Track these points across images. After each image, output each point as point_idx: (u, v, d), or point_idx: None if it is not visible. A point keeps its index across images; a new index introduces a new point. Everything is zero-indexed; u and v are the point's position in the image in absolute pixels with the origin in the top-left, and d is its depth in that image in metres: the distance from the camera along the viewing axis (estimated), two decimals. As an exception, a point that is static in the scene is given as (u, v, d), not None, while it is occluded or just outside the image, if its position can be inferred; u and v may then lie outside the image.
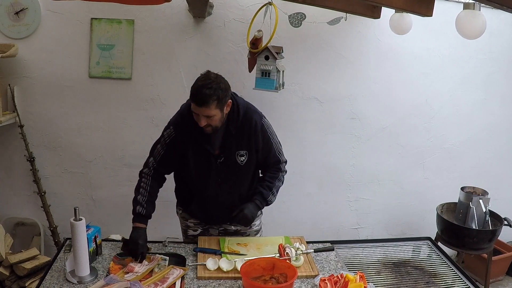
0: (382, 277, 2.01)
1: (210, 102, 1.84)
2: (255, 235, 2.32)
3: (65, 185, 3.07)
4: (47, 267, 1.89)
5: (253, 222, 2.16)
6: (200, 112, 1.88)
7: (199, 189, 2.17)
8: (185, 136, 2.03)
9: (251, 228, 2.28)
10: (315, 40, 2.99)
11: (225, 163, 2.07)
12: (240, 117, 2.02)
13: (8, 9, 2.75)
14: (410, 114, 3.26)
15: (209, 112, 1.87)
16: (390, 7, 2.20)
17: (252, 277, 1.75)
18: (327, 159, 3.26)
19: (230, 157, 2.06)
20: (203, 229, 2.28)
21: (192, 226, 2.28)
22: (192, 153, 2.05)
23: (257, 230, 2.33)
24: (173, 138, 2.05)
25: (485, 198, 2.89)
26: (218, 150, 2.05)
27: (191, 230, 2.29)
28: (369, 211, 3.44)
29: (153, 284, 1.73)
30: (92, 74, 2.89)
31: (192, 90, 1.88)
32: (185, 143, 2.04)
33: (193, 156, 2.05)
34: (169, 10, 2.84)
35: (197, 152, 2.04)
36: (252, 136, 2.05)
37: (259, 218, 2.35)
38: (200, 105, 1.86)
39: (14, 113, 2.84)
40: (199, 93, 1.85)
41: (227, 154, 2.05)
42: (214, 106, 1.87)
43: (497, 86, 3.31)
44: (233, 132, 2.02)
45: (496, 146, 3.46)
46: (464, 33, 2.20)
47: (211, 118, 1.90)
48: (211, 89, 1.85)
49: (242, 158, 2.07)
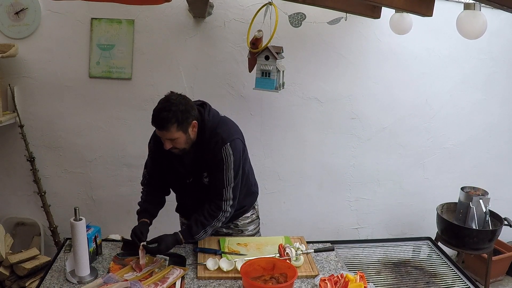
0: (382, 277, 2.01)
1: (169, 125, 1.81)
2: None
3: (65, 185, 3.07)
4: (47, 267, 1.89)
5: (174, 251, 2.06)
6: (162, 136, 1.87)
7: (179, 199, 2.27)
8: (161, 152, 2.01)
9: (243, 233, 2.27)
10: (315, 40, 2.99)
11: (194, 183, 2.07)
12: (205, 138, 1.96)
13: (8, 9, 2.75)
14: (410, 114, 3.26)
15: (170, 135, 1.84)
16: (390, 7, 2.20)
17: (252, 277, 1.75)
18: (327, 159, 3.26)
19: (198, 178, 2.05)
20: None
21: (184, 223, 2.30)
22: (166, 169, 2.09)
23: (250, 235, 2.29)
24: (153, 152, 2.10)
25: (485, 198, 2.89)
26: (188, 170, 2.05)
27: None
28: (369, 211, 3.44)
29: (153, 284, 1.74)
30: (92, 74, 2.89)
31: (153, 112, 1.85)
32: (162, 159, 2.06)
33: (167, 171, 2.09)
34: (169, 10, 2.84)
35: (170, 169, 2.07)
36: (211, 158, 1.97)
37: (255, 223, 2.32)
38: (160, 129, 1.84)
39: (14, 113, 2.84)
40: (157, 116, 1.82)
41: (195, 175, 2.05)
42: (175, 129, 1.83)
43: (497, 86, 3.31)
44: (200, 154, 1.99)
45: (496, 146, 3.46)
46: (464, 33, 2.20)
47: (174, 141, 1.87)
48: (169, 111, 1.81)
49: (206, 179, 2.04)
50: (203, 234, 2.01)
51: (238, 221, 2.25)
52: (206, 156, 1.97)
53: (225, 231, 2.25)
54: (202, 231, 1.99)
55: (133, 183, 3.11)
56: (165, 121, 1.81)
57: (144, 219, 2.08)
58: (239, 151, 1.99)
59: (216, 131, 1.96)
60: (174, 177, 2.10)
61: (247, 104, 3.04)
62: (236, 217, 2.23)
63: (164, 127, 1.82)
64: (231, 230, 2.26)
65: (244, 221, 2.26)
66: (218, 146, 1.93)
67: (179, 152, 1.94)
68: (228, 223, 2.21)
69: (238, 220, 2.25)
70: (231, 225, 2.25)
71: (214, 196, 2.00)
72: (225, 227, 2.24)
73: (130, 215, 3.17)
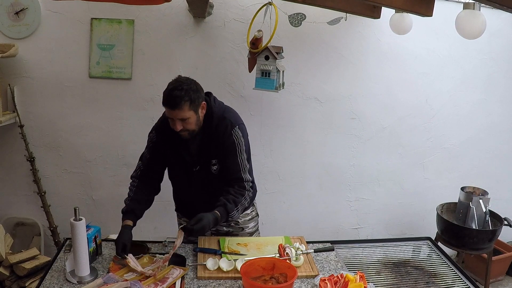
0: (382, 277, 2.00)
1: (183, 103, 1.83)
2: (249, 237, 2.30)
3: (65, 185, 3.07)
4: (47, 267, 1.88)
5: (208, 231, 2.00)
6: (174, 116, 1.87)
7: (181, 195, 2.22)
8: (166, 141, 2.03)
9: (243, 230, 2.26)
10: (315, 40, 2.99)
11: (201, 172, 2.06)
12: (213, 124, 1.99)
13: (8, 9, 2.75)
14: (410, 114, 3.26)
15: (183, 115, 1.86)
16: (390, 7, 2.20)
17: (252, 277, 1.75)
18: (327, 159, 3.26)
19: (205, 166, 2.04)
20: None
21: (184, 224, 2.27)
22: (171, 159, 2.07)
23: (250, 233, 2.30)
24: (155, 142, 2.08)
25: (485, 198, 2.89)
26: (195, 159, 2.05)
27: None
28: (369, 211, 3.44)
29: (153, 284, 1.73)
30: (92, 74, 2.89)
31: (163, 95, 1.87)
32: (166, 149, 2.05)
33: (172, 162, 2.08)
34: (169, 10, 2.84)
35: (176, 159, 2.06)
36: (221, 144, 1.99)
37: (254, 220, 2.32)
38: (172, 107, 1.84)
39: (14, 113, 2.84)
40: (170, 95, 1.84)
41: (202, 163, 2.04)
42: (187, 107, 1.85)
43: (497, 86, 3.31)
44: (207, 141, 2.00)
45: (496, 146, 3.46)
46: (464, 33, 2.20)
47: (186, 121, 1.88)
48: (182, 90, 1.84)
49: (215, 167, 2.04)
50: (236, 212, 2.00)
51: (239, 218, 2.24)
52: (215, 142, 1.99)
53: (225, 229, 2.25)
54: (235, 209, 1.98)
55: (133, 183, 3.11)
56: (178, 99, 1.83)
57: (129, 221, 2.01)
58: (246, 135, 2.05)
59: (223, 116, 2.00)
60: (179, 167, 2.08)
61: (247, 104, 3.04)
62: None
63: (178, 105, 1.83)
64: (232, 228, 2.25)
65: (244, 218, 2.26)
66: (228, 129, 1.98)
67: (188, 135, 1.94)
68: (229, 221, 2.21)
69: (239, 218, 2.24)
70: (231, 223, 2.25)
71: (233, 180, 2.02)
72: (225, 226, 2.24)
73: (130, 215, 3.18)
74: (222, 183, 2.05)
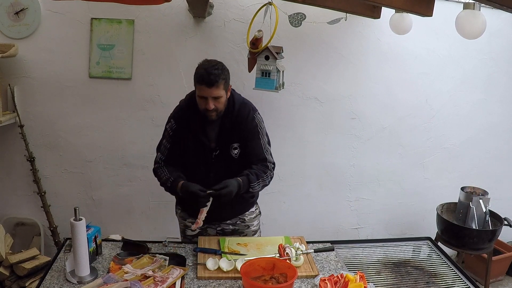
0: (382, 277, 2.00)
1: (219, 81, 1.92)
2: (252, 235, 2.31)
3: (65, 185, 3.07)
4: (47, 267, 1.89)
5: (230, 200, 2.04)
6: (209, 94, 1.93)
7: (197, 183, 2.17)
8: (185, 128, 2.08)
9: (249, 228, 2.29)
10: (315, 40, 2.99)
11: (220, 156, 2.09)
12: (235, 109, 2.07)
13: (8, 9, 2.75)
14: (410, 114, 3.26)
15: (218, 93, 1.93)
16: (390, 7, 2.21)
17: (252, 277, 1.75)
18: (327, 159, 3.26)
19: (225, 150, 2.09)
20: (201, 228, 2.25)
21: (190, 225, 2.27)
22: (190, 145, 2.09)
23: (255, 231, 2.33)
24: (175, 129, 2.10)
25: (485, 198, 2.89)
26: (214, 143, 2.09)
27: (190, 230, 2.27)
28: (369, 211, 3.44)
29: (153, 284, 1.73)
30: (92, 74, 2.89)
31: (199, 74, 1.93)
32: (186, 135, 2.08)
33: (191, 148, 2.10)
34: (169, 10, 2.84)
35: (195, 144, 2.09)
36: (243, 128, 2.08)
37: (258, 218, 2.35)
38: (210, 85, 1.91)
39: (14, 113, 2.84)
40: (209, 73, 1.90)
41: (222, 147, 2.09)
42: (222, 86, 1.94)
43: (497, 86, 3.31)
44: (228, 125, 2.07)
45: (496, 146, 3.46)
46: (464, 33, 2.20)
47: (218, 100, 1.96)
48: (218, 69, 1.93)
49: (236, 151, 2.10)
50: (257, 186, 2.06)
51: (245, 215, 2.27)
52: (238, 126, 2.07)
53: (231, 228, 2.26)
54: (256, 182, 2.05)
55: (133, 183, 3.11)
56: (216, 77, 1.90)
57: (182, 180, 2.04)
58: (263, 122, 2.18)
59: (244, 102, 2.14)
60: (199, 153, 2.09)
61: (247, 104, 3.04)
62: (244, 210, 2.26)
63: (215, 83, 1.91)
64: (238, 226, 2.27)
65: (250, 215, 2.29)
66: (251, 114, 2.10)
67: (216, 116, 2.00)
68: (235, 218, 2.25)
69: (245, 215, 2.27)
70: (237, 221, 2.27)
71: (257, 161, 2.11)
72: (232, 224, 2.25)
73: (130, 215, 3.18)
74: (242, 168, 2.10)
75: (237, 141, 2.09)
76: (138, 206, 3.16)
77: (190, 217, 2.27)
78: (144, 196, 3.14)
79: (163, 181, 2.10)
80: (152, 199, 3.15)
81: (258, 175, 2.06)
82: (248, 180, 2.02)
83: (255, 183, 2.05)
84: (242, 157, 2.12)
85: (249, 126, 2.09)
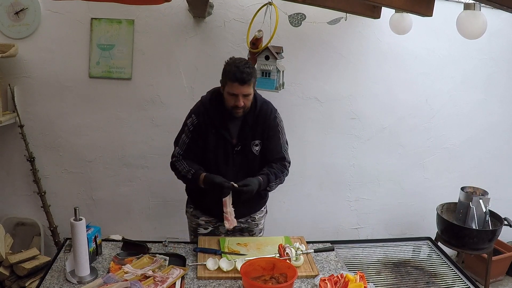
0: (382, 277, 2.01)
1: (251, 80, 1.99)
2: (259, 233, 2.37)
3: (65, 185, 3.07)
4: (47, 267, 1.89)
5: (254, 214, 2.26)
6: (240, 91, 1.98)
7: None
8: (207, 123, 2.11)
9: (257, 226, 2.34)
10: (315, 40, 2.99)
11: (242, 152, 2.14)
12: (257, 107, 2.13)
13: (8, 9, 2.75)
14: (410, 114, 3.26)
15: (248, 90, 2.00)
16: (390, 7, 2.21)
17: (252, 277, 1.75)
18: (327, 159, 3.26)
19: (247, 146, 2.14)
20: (214, 227, 2.30)
21: (203, 224, 2.30)
22: (211, 140, 2.12)
23: (261, 229, 2.39)
24: (196, 125, 2.12)
25: (485, 198, 2.89)
26: (236, 139, 2.13)
27: (202, 229, 2.30)
28: (369, 211, 3.44)
29: (153, 284, 1.73)
30: (92, 74, 2.89)
31: (231, 72, 1.97)
32: (207, 130, 2.11)
33: (212, 143, 2.12)
34: (169, 10, 2.84)
35: (216, 140, 2.12)
36: (265, 125, 2.15)
37: (265, 217, 2.40)
38: (242, 83, 1.96)
39: (14, 113, 2.84)
40: (241, 72, 1.96)
41: (243, 143, 2.13)
42: (252, 84, 2.01)
43: (497, 86, 3.31)
44: (250, 122, 2.12)
45: (496, 146, 3.46)
46: (464, 33, 2.20)
47: (247, 97, 2.02)
48: (249, 67, 1.99)
49: (257, 148, 2.16)
50: (274, 185, 2.16)
51: (255, 214, 2.32)
52: (260, 124, 2.13)
53: (242, 225, 2.29)
54: (274, 182, 2.13)
55: (133, 183, 3.11)
56: (249, 75, 1.97)
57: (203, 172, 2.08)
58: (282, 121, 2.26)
59: (265, 101, 2.20)
60: (220, 148, 2.13)
61: (247, 104, 3.04)
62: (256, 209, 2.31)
63: (248, 81, 1.97)
64: (248, 225, 2.30)
65: (259, 214, 2.35)
66: (273, 113, 2.19)
67: (242, 112, 2.06)
68: (247, 216, 2.28)
69: (256, 214, 2.32)
70: (248, 219, 2.30)
71: (276, 159, 2.19)
72: (242, 222, 2.27)
73: (130, 215, 3.18)
74: (261, 164, 2.18)
75: (258, 138, 2.15)
76: (138, 206, 3.16)
77: (204, 215, 2.29)
78: (144, 196, 3.14)
79: (182, 174, 2.12)
80: (152, 199, 3.15)
81: (276, 175, 2.14)
82: (267, 180, 2.09)
83: (273, 182, 2.13)
84: (262, 154, 2.18)
85: (271, 124, 2.16)
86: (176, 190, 3.11)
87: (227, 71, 2.00)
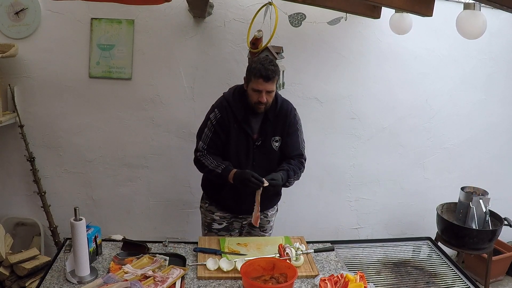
0: (382, 277, 2.01)
1: (275, 77, 2.06)
2: (269, 230, 2.42)
3: (65, 185, 3.07)
4: (47, 267, 1.89)
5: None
6: (265, 88, 2.05)
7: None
8: (229, 118, 2.16)
9: (269, 223, 2.40)
10: (315, 40, 2.99)
11: (262, 147, 2.21)
12: (278, 104, 2.20)
13: (8, 9, 2.75)
14: (410, 114, 3.26)
15: (272, 87, 2.06)
16: (390, 7, 2.21)
17: (252, 277, 1.75)
18: (327, 159, 3.26)
19: (267, 141, 2.21)
20: (228, 223, 2.35)
21: (218, 219, 2.34)
22: (233, 134, 2.18)
23: (271, 226, 2.44)
24: (219, 119, 2.17)
25: (485, 198, 2.89)
26: (257, 134, 2.20)
27: (216, 224, 2.34)
28: (369, 211, 3.44)
29: (153, 284, 1.73)
30: (92, 74, 2.89)
31: (256, 69, 2.03)
32: (229, 125, 2.17)
33: (234, 137, 2.18)
34: (169, 10, 2.84)
35: (238, 134, 2.18)
36: (286, 122, 2.22)
37: (275, 214, 2.46)
38: (267, 80, 2.03)
39: (14, 113, 2.84)
40: (266, 69, 2.02)
41: (264, 139, 2.20)
42: (275, 81, 2.08)
43: (497, 86, 3.31)
44: (271, 119, 2.19)
45: (496, 146, 3.46)
46: (464, 33, 2.20)
47: (270, 94, 2.09)
48: (274, 65, 2.06)
49: (277, 143, 2.23)
50: (293, 181, 2.22)
51: (268, 211, 2.37)
52: (281, 121, 2.20)
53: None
54: (293, 178, 2.20)
55: (133, 183, 3.11)
56: (273, 73, 2.04)
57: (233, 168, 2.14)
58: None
59: (285, 99, 2.27)
60: (241, 142, 2.18)
61: (247, 104, 3.03)
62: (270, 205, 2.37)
63: (272, 78, 2.04)
64: (260, 221, 2.31)
65: (272, 211, 2.41)
66: (293, 111, 2.26)
67: (264, 108, 2.12)
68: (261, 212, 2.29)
69: (269, 210, 2.37)
70: (261, 215, 2.31)
71: (295, 155, 2.26)
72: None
73: (130, 215, 3.18)
74: (279, 160, 2.25)
75: (278, 134, 2.22)
76: (138, 206, 3.16)
77: (220, 210, 2.34)
78: (144, 196, 3.14)
79: (210, 168, 2.16)
80: (152, 199, 3.15)
81: (295, 171, 2.20)
82: (287, 176, 2.15)
83: (292, 178, 2.19)
84: (280, 150, 2.24)
85: (291, 121, 2.24)
86: (176, 190, 3.12)
87: (253, 67, 2.06)
